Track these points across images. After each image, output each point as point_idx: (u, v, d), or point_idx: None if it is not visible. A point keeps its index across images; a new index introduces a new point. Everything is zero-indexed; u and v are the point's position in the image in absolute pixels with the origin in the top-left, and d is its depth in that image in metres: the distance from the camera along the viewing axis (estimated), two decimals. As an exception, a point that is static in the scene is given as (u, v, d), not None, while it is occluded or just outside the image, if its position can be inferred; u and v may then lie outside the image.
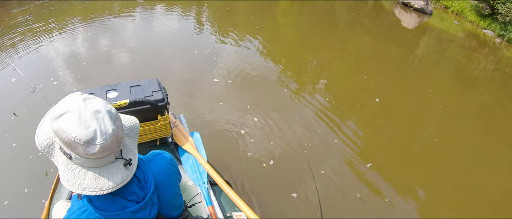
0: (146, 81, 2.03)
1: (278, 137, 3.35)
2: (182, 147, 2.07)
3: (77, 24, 6.04)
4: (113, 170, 0.88)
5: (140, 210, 0.98)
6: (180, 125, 2.21)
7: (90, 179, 0.85)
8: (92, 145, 0.79)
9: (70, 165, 0.83)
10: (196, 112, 3.62)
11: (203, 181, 1.87)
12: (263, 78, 4.46)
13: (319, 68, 5.07)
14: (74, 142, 0.78)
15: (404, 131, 3.77)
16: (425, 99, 4.55)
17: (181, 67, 4.64)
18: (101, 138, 0.80)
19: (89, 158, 0.82)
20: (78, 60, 4.62)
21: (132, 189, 0.97)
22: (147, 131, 1.96)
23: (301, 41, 6.22)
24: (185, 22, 6.53)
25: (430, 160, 3.36)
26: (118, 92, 1.89)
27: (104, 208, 0.92)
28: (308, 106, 3.93)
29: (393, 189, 2.93)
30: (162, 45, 5.35)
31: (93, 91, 1.88)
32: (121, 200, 0.95)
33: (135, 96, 1.87)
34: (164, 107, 1.92)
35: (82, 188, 0.84)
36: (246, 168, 2.91)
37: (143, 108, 1.87)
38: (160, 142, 2.10)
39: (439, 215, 2.76)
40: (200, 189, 1.84)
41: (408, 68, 5.68)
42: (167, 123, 1.96)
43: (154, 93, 1.92)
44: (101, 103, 0.85)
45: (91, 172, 0.85)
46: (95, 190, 0.85)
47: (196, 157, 1.96)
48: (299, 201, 2.68)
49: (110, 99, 1.83)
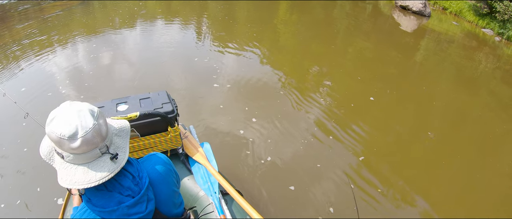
0: (156, 93, 2.04)
1: (287, 144, 3.37)
2: (192, 158, 2.07)
3: (79, 39, 6.09)
4: (100, 164, 0.95)
5: (136, 205, 1.03)
6: (190, 136, 2.21)
7: (80, 174, 0.93)
8: (75, 139, 0.88)
9: (64, 164, 0.93)
10: (205, 122, 3.63)
11: (215, 191, 1.88)
12: (267, 87, 4.49)
13: (320, 75, 5.08)
14: (61, 139, 0.87)
15: (408, 133, 3.77)
16: (427, 101, 4.55)
17: (185, 78, 4.67)
18: (82, 131, 0.88)
19: (76, 153, 0.90)
20: (82, 75, 4.66)
21: (127, 184, 1.03)
22: (157, 143, 1.97)
23: (301, 49, 6.25)
24: (186, 34, 6.58)
25: (433, 161, 3.35)
26: (128, 105, 1.91)
27: (102, 204, 0.98)
28: (312, 112, 3.95)
29: (399, 195, 2.92)
30: (164, 57, 5.38)
31: (104, 105, 1.90)
32: (117, 195, 1.00)
33: (145, 108, 1.88)
34: (174, 119, 1.93)
35: (73, 183, 0.92)
36: (257, 177, 2.92)
37: (153, 120, 1.88)
38: (171, 153, 2.11)
39: (444, 215, 2.75)
40: (211, 199, 1.84)
41: (409, 71, 5.69)
42: (177, 134, 1.97)
43: (164, 105, 1.93)
44: (85, 105, 0.94)
45: (81, 168, 0.93)
46: (84, 183, 0.92)
47: (207, 167, 1.96)
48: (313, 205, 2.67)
49: (121, 112, 1.85)
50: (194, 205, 1.95)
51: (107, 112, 1.84)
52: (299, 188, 2.85)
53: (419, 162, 3.34)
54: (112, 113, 1.84)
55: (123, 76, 4.68)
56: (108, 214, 0.98)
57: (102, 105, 1.89)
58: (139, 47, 5.82)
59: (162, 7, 8.53)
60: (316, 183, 2.92)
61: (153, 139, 1.94)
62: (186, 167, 2.08)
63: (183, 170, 2.07)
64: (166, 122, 1.91)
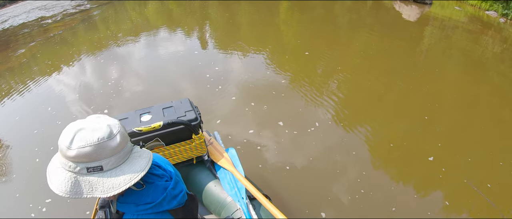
0: (178, 102, 2.04)
1: (310, 144, 3.35)
2: (218, 164, 2.06)
3: (85, 55, 6.15)
4: (138, 154, 0.97)
5: (177, 185, 1.08)
6: (215, 142, 2.21)
7: (128, 170, 0.92)
8: (113, 137, 0.89)
9: (106, 175, 0.89)
10: (221, 129, 3.61)
11: (242, 197, 1.86)
12: (277, 88, 4.46)
13: (328, 71, 5.07)
14: (100, 143, 0.85)
15: (420, 124, 3.72)
16: (437, 89, 4.50)
17: (194, 86, 4.69)
18: (116, 128, 0.90)
19: (117, 152, 0.90)
20: (93, 92, 4.72)
21: (159, 172, 1.07)
22: (183, 151, 1.96)
23: (306, 47, 6.23)
24: (190, 42, 6.62)
25: (449, 150, 3.29)
26: (151, 115, 1.91)
27: (152, 199, 1.00)
28: (327, 110, 3.93)
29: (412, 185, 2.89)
30: (171, 66, 5.43)
31: (127, 116, 1.90)
32: (159, 183, 1.03)
33: (169, 117, 1.88)
34: (198, 126, 1.93)
35: (128, 180, 0.90)
36: (284, 180, 2.90)
37: (177, 129, 1.88)
38: (196, 160, 2.10)
39: (459, 205, 2.70)
40: (239, 204, 1.83)
41: (416, 61, 5.64)
42: (202, 141, 1.97)
43: (187, 113, 1.93)
44: (96, 114, 0.96)
45: (124, 166, 0.92)
46: (138, 171, 0.92)
47: (234, 173, 1.95)
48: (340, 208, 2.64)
49: (144, 122, 1.85)
50: (221, 211, 1.93)
51: (131, 122, 1.85)
52: (326, 188, 2.81)
53: (431, 152, 3.28)
54: (136, 123, 1.84)
55: (132, 90, 4.71)
56: (160, 205, 1.00)
57: (125, 117, 1.90)
58: (145, 59, 5.86)
59: (164, 17, 8.58)
60: (342, 182, 2.89)
61: (178, 147, 1.94)
62: (213, 173, 2.07)
63: (210, 176, 2.06)
64: (190, 130, 1.90)
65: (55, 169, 0.90)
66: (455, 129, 3.64)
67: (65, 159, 0.87)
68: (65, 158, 0.86)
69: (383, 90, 4.45)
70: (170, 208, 1.04)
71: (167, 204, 1.02)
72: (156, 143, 1.87)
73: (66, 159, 0.86)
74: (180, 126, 1.87)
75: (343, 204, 2.65)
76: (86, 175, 0.87)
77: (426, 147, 3.31)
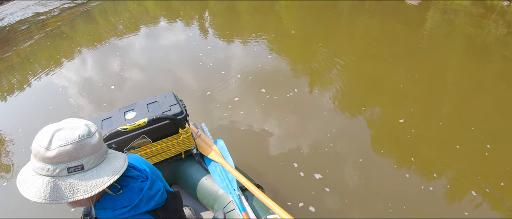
0: (162, 96, 2.01)
1: (305, 131, 3.33)
2: (208, 157, 2.04)
3: (84, 49, 6.14)
4: (113, 155, 0.98)
5: (153, 183, 1.06)
6: (203, 134, 2.18)
7: (108, 168, 0.93)
8: (93, 134, 0.90)
9: (87, 174, 0.89)
10: (219, 118, 3.62)
11: (234, 189, 1.85)
12: (277, 76, 4.43)
13: (330, 58, 5.00)
14: (81, 141, 0.86)
15: (424, 109, 3.67)
16: (441, 74, 4.43)
17: (194, 76, 4.66)
18: (93, 127, 0.92)
19: (96, 150, 0.90)
20: (92, 85, 4.71)
21: (134, 173, 1.06)
22: (170, 146, 1.94)
23: (307, 33, 6.15)
24: (190, 31, 6.56)
25: (453, 134, 3.24)
26: (136, 112, 1.88)
27: (128, 202, 0.98)
28: (325, 98, 3.89)
29: (416, 166, 2.86)
30: (171, 57, 5.40)
31: (111, 115, 1.87)
32: (134, 185, 1.01)
33: (153, 113, 1.85)
34: (184, 120, 1.90)
35: (111, 177, 0.91)
36: (278, 169, 2.88)
37: (163, 124, 1.86)
38: (185, 155, 2.08)
39: (460, 188, 2.67)
40: (231, 196, 1.82)
41: (418, 45, 5.54)
42: (189, 135, 1.94)
43: (172, 108, 1.90)
44: (71, 117, 0.96)
45: (103, 164, 0.93)
46: (117, 170, 0.93)
47: (224, 165, 1.93)
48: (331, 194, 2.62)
49: (129, 120, 1.82)
50: (214, 204, 1.92)
51: (115, 121, 1.82)
52: (326, 175, 2.79)
53: (436, 138, 3.23)
54: (120, 122, 1.82)
55: (133, 81, 4.71)
56: (137, 207, 0.98)
57: (110, 116, 1.87)
58: (145, 50, 5.84)
59: (163, 8, 8.50)
60: (342, 169, 2.86)
61: (165, 143, 1.92)
62: (203, 166, 2.06)
63: (200, 170, 2.04)
64: (176, 124, 1.87)
65: (28, 177, 0.86)
66: (457, 111, 3.62)
67: (42, 163, 0.84)
68: (43, 161, 0.84)
69: (385, 75, 4.40)
70: (149, 209, 1.02)
71: (145, 206, 1.00)
72: (143, 140, 1.85)
73: (44, 162, 0.84)
74: (165, 121, 1.84)
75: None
76: (67, 177, 0.86)
77: (426, 129, 3.31)
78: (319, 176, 2.79)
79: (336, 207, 2.51)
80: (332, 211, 2.48)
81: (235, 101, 3.89)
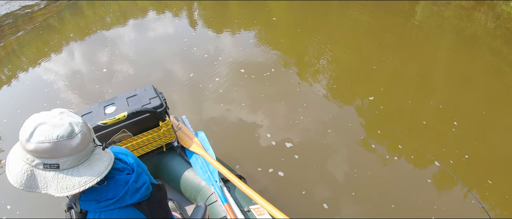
0: (142, 89, 2.00)
1: (291, 123, 3.36)
2: (189, 149, 2.05)
3: (72, 41, 6.06)
4: (98, 157, 0.95)
5: (139, 176, 1.06)
6: (183, 127, 2.18)
7: (85, 172, 0.90)
8: (74, 136, 0.86)
9: (61, 174, 0.87)
10: (206, 110, 3.64)
11: (215, 180, 1.86)
12: (265, 66, 4.43)
13: (319, 48, 5.01)
14: (58, 142, 0.83)
15: (413, 102, 3.70)
16: (429, 65, 4.46)
17: (182, 67, 4.62)
18: (78, 127, 0.88)
19: (76, 152, 0.87)
20: (78, 78, 4.66)
21: (120, 166, 1.05)
22: (151, 139, 1.94)
23: (296, 24, 6.12)
24: (178, 23, 6.47)
25: (442, 126, 3.28)
26: (115, 106, 1.87)
27: (113, 195, 0.97)
28: (313, 90, 3.90)
29: (406, 160, 2.90)
30: (160, 49, 5.34)
31: (91, 110, 1.87)
32: (120, 178, 1.01)
33: (133, 107, 1.85)
34: (164, 113, 1.89)
35: (83, 183, 0.88)
36: (261, 159, 2.92)
37: (143, 117, 1.85)
38: (166, 148, 2.09)
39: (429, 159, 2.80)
40: (213, 188, 1.83)
41: (408, 37, 5.55)
42: (169, 127, 1.94)
43: (152, 101, 1.89)
44: (61, 108, 0.93)
45: (82, 167, 0.90)
46: (95, 175, 0.90)
47: (205, 157, 1.94)
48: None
49: (109, 114, 1.81)
50: (197, 196, 1.94)
51: (95, 116, 1.82)
52: (296, 145, 2.92)
53: (426, 127, 3.28)
54: (100, 116, 1.81)
55: (121, 74, 4.66)
56: (122, 200, 0.98)
57: (89, 111, 1.86)
58: (134, 42, 5.77)
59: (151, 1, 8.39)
60: (323, 159, 2.91)
61: (146, 136, 1.91)
62: (184, 159, 2.06)
63: (182, 162, 2.05)
64: (156, 117, 1.87)
65: (15, 159, 0.89)
66: (448, 103, 3.64)
67: (24, 151, 0.86)
68: (24, 150, 0.85)
69: (373, 66, 4.41)
70: (134, 202, 1.01)
71: (130, 198, 0.99)
72: (124, 135, 1.85)
73: (25, 151, 0.85)
74: (145, 114, 1.83)
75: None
76: (43, 171, 0.86)
77: (413, 119, 3.37)
78: (289, 144, 3.04)
79: (303, 172, 2.79)
80: (299, 175, 2.74)
81: (219, 93, 3.90)
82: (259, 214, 1.69)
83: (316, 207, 2.47)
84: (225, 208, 1.70)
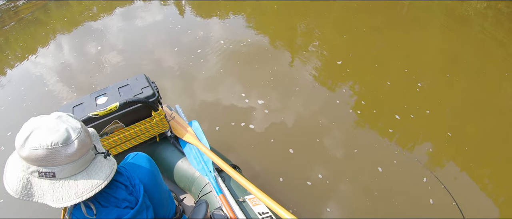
0: (134, 78, 1.97)
1: (283, 108, 3.38)
2: (183, 139, 2.02)
3: (59, 34, 5.95)
4: (98, 166, 0.89)
5: (137, 215, 0.96)
6: (177, 116, 2.16)
7: (82, 183, 0.84)
8: (70, 143, 0.81)
9: (57, 183, 0.82)
10: (199, 98, 3.62)
11: (210, 170, 1.85)
12: (253, 51, 4.42)
13: (308, 32, 5.02)
14: (53, 149, 0.78)
15: (402, 83, 3.72)
16: (420, 46, 4.49)
17: (172, 55, 4.58)
18: (75, 133, 0.82)
19: (73, 160, 0.82)
20: (69, 71, 4.58)
21: (122, 196, 0.95)
22: (144, 130, 1.91)
23: (285, 8, 6.07)
24: (166, 10, 6.37)
25: (431, 110, 3.31)
26: (107, 96, 1.84)
27: None
28: (304, 72, 3.93)
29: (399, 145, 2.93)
30: (149, 37, 5.26)
31: (82, 101, 1.83)
32: (115, 210, 0.92)
33: (125, 97, 1.82)
34: (157, 102, 1.86)
35: (80, 194, 0.83)
36: (254, 147, 2.93)
37: (135, 107, 1.82)
38: (160, 138, 2.06)
39: (440, 158, 2.81)
40: (207, 178, 1.82)
41: (397, 18, 5.56)
42: (162, 117, 1.91)
43: (144, 90, 1.86)
44: (59, 112, 0.87)
45: (80, 176, 0.85)
46: (92, 188, 0.84)
47: (199, 147, 1.92)
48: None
49: (100, 105, 1.78)
50: (191, 187, 1.92)
51: (86, 108, 1.78)
52: (298, 150, 2.86)
53: (415, 109, 3.31)
54: (92, 107, 1.78)
55: (111, 64, 4.59)
56: None
57: (81, 102, 1.83)
58: (122, 31, 5.67)
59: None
60: (316, 144, 2.93)
61: (139, 126, 1.89)
62: (178, 149, 2.04)
63: (175, 152, 2.03)
64: (148, 107, 1.85)
65: (12, 166, 0.84)
66: (438, 86, 3.68)
67: (19, 157, 0.81)
68: (19, 156, 0.81)
69: (362, 48, 4.43)
70: None
71: None
72: (116, 126, 1.82)
73: (20, 158, 0.81)
74: (137, 104, 1.81)
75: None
76: (38, 179, 0.81)
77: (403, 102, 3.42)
78: (261, 101, 3.40)
79: (273, 122, 3.13)
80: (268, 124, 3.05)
81: (212, 81, 3.87)
82: (254, 204, 1.68)
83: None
84: (220, 199, 1.69)
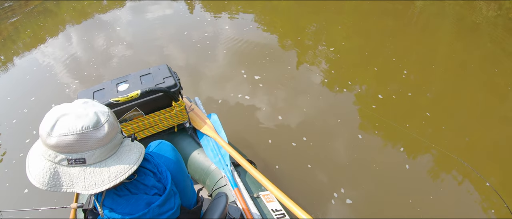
0: (156, 68, 1.96)
1: (296, 107, 3.38)
2: (200, 131, 2.02)
3: (68, 25, 5.97)
4: (127, 149, 0.88)
5: (166, 202, 0.95)
6: (196, 108, 2.16)
7: (114, 167, 0.83)
8: (101, 126, 0.79)
9: (88, 169, 0.80)
10: (209, 93, 3.62)
11: (226, 164, 1.84)
12: (265, 50, 4.42)
13: (318, 32, 5.03)
14: (83, 133, 0.76)
15: (410, 89, 3.71)
16: (429, 53, 4.48)
17: (182, 50, 4.59)
18: (104, 116, 0.81)
19: (103, 144, 0.80)
20: (78, 62, 4.59)
21: (151, 183, 0.95)
22: (163, 119, 1.91)
23: (295, 8, 6.08)
24: (176, 6, 6.39)
25: (439, 116, 3.29)
26: (128, 84, 1.84)
27: (129, 211, 0.88)
28: (314, 71, 3.94)
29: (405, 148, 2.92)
30: (158, 32, 5.27)
31: (104, 86, 1.83)
32: (144, 197, 0.91)
33: (147, 85, 1.81)
34: (178, 93, 1.86)
35: (113, 178, 0.81)
36: (269, 143, 2.91)
37: (156, 96, 1.82)
38: (178, 128, 2.06)
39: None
40: (223, 172, 1.81)
41: (408, 23, 5.56)
42: (182, 108, 1.91)
43: (166, 80, 1.86)
44: (84, 99, 0.85)
45: (111, 161, 0.83)
46: (125, 171, 0.83)
47: (216, 140, 1.91)
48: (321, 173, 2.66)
49: (121, 92, 1.78)
50: (206, 179, 1.92)
51: (107, 93, 1.78)
52: (315, 148, 2.86)
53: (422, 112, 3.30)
54: (113, 94, 1.77)
55: (120, 56, 4.60)
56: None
57: (102, 88, 1.83)
58: (132, 24, 5.69)
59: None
60: (332, 142, 2.92)
61: (158, 115, 1.89)
62: (195, 140, 2.04)
63: (192, 144, 2.02)
64: (169, 96, 1.84)
65: (36, 157, 0.81)
66: (445, 93, 3.65)
67: (45, 147, 0.78)
68: (45, 146, 0.78)
69: (372, 53, 4.41)
70: None
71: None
72: (135, 113, 1.81)
73: (46, 147, 0.78)
74: (158, 93, 1.80)
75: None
76: (67, 167, 0.79)
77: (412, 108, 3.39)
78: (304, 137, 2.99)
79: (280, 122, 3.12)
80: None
81: (229, 76, 3.88)
82: (268, 201, 1.67)
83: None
84: (235, 193, 1.68)
